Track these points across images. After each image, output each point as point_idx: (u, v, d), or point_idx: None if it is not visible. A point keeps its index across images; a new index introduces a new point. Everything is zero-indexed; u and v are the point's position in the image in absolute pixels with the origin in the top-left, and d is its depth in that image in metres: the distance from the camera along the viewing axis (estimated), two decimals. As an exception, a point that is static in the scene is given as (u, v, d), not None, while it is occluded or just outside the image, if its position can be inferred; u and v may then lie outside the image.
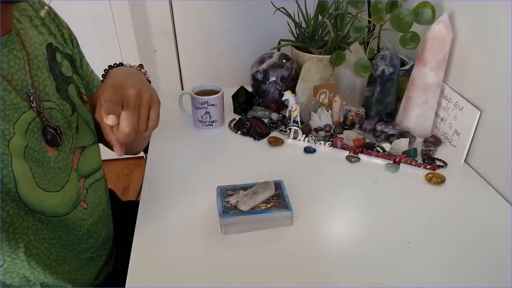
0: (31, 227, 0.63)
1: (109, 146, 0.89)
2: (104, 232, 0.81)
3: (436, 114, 1.00)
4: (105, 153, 1.03)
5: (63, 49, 0.74)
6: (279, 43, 1.17)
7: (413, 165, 0.90)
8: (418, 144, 0.96)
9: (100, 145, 0.83)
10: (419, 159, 0.93)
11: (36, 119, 0.61)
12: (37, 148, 0.62)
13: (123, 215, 0.91)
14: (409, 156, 0.92)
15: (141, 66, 0.80)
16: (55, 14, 0.77)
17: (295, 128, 1.00)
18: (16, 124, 0.58)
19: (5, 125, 0.57)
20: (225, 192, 0.77)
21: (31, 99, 0.61)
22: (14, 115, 0.58)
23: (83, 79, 0.81)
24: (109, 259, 0.86)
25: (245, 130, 1.04)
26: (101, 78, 0.78)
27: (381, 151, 0.95)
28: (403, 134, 0.99)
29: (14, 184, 0.58)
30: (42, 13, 0.63)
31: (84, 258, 0.76)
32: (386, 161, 0.92)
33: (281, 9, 1.12)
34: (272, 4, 1.14)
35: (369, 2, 1.18)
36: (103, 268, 0.82)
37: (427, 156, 0.93)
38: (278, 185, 0.78)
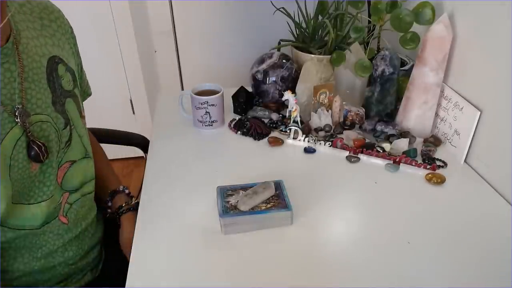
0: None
1: None
2: (86, 245, 0.81)
3: (436, 114, 1.00)
4: (106, 153, 1.04)
5: (67, 62, 0.73)
6: (279, 43, 1.17)
7: (413, 165, 0.90)
8: (418, 144, 0.96)
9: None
10: (419, 159, 0.93)
11: (24, 134, 0.61)
12: (21, 165, 0.61)
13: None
14: (409, 156, 0.92)
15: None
16: (64, 28, 0.76)
17: (295, 128, 1.00)
18: (3, 143, 0.57)
19: None
20: (225, 192, 0.77)
21: (16, 114, 0.59)
22: (2, 131, 0.57)
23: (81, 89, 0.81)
24: (95, 266, 0.86)
25: (245, 130, 1.04)
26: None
27: (381, 151, 0.95)
28: (403, 134, 0.99)
29: None
30: None
31: (62, 273, 0.76)
32: (386, 161, 0.92)
33: (281, 9, 1.12)
34: (272, 4, 1.14)
35: (369, 2, 1.18)
36: (82, 277, 0.82)
37: (427, 156, 0.93)
38: (278, 185, 0.78)
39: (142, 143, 1.13)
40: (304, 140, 0.99)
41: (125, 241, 0.86)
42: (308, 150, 0.97)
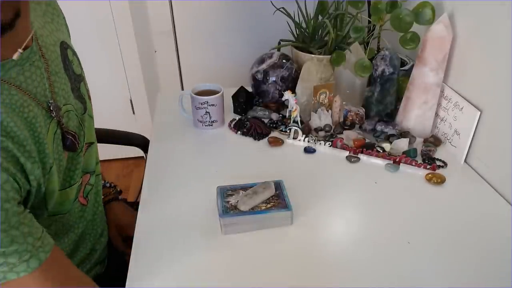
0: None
1: None
2: (99, 228, 0.81)
3: (436, 114, 1.00)
4: (105, 153, 1.04)
5: (71, 45, 0.72)
6: (279, 43, 1.17)
7: (413, 165, 0.90)
8: (418, 144, 0.96)
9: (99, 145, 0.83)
10: (419, 159, 0.93)
11: (58, 127, 0.62)
12: (61, 157, 0.62)
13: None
14: (409, 156, 0.92)
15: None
16: (57, 9, 0.74)
17: (295, 128, 1.00)
18: (47, 140, 0.58)
19: (44, 146, 0.57)
20: (225, 192, 0.77)
21: (51, 108, 0.60)
22: (44, 128, 0.58)
23: None
24: (103, 260, 0.85)
25: (245, 130, 1.04)
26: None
27: (381, 151, 0.95)
28: (403, 134, 0.99)
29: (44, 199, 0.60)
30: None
31: (79, 260, 0.76)
32: (386, 161, 0.92)
33: (281, 9, 1.12)
34: (272, 4, 1.14)
35: (369, 2, 1.18)
36: (94, 267, 0.82)
37: (427, 156, 0.93)
38: (278, 185, 0.78)
39: (142, 143, 1.13)
40: (304, 140, 0.99)
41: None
42: (308, 150, 0.97)
